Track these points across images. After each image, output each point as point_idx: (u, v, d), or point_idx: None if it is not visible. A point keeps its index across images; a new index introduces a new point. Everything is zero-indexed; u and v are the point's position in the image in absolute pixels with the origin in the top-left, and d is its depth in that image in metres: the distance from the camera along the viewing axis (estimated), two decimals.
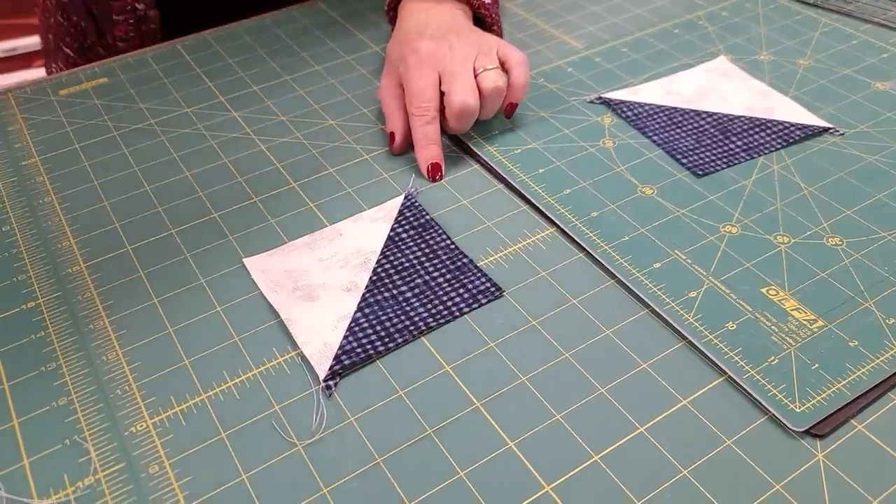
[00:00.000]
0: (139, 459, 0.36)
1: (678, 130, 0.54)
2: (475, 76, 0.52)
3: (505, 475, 0.35)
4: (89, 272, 0.45)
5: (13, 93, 0.60)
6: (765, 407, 0.37)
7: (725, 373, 0.39)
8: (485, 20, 0.59)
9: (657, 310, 0.41)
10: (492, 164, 0.52)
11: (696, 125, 0.54)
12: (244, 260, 0.46)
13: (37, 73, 1.55)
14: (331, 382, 0.39)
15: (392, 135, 0.53)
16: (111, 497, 0.34)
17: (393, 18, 0.61)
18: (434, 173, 0.51)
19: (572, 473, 0.35)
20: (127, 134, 0.56)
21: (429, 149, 0.51)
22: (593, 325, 0.41)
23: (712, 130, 0.54)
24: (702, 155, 0.52)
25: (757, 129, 0.54)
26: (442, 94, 0.52)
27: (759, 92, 0.57)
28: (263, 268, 0.45)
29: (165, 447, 0.36)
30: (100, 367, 0.40)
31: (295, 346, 0.41)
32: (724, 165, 0.51)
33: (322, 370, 0.39)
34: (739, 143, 0.53)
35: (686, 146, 0.52)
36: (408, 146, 0.53)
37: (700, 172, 0.50)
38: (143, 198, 0.50)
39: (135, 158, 0.54)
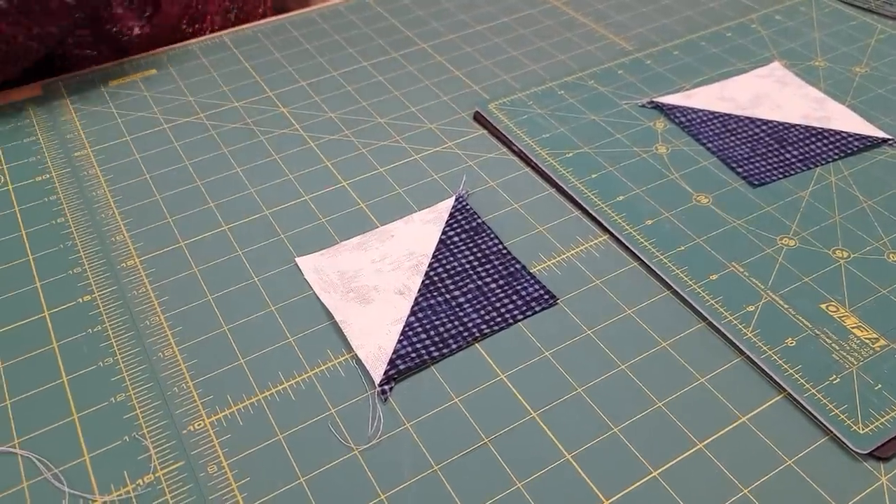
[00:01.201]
0: (198, 459, 0.36)
1: (733, 138, 0.53)
2: None
3: (563, 488, 0.35)
4: (144, 267, 0.45)
5: (63, 81, 0.61)
6: (826, 427, 0.36)
7: (785, 390, 0.38)
8: None
9: (715, 323, 0.41)
10: (543, 168, 0.51)
11: (750, 133, 0.53)
12: (297, 259, 0.46)
13: None
14: (386, 387, 0.39)
15: None
16: (171, 496, 0.35)
17: None
18: None
19: (631, 489, 0.35)
20: (177, 127, 0.56)
21: None
22: (649, 337, 0.41)
23: (767, 139, 0.53)
24: (757, 164, 0.51)
25: (813, 139, 0.53)
26: None
27: (814, 99, 0.56)
28: (316, 268, 0.45)
29: (223, 447, 0.36)
30: (156, 364, 0.40)
31: (349, 348, 0.41)
32: (780, 176, 0.50)
33: (377, 374, 0.39)
34: (795, 152, 0.52)
35: (741, 154, 0.51)
36: None
37: (756, 182, 0.50)
38: (195, 193, 0.50)
39: (185, 152, 0.54)
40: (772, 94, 0.57)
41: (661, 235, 0.46)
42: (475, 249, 0.46)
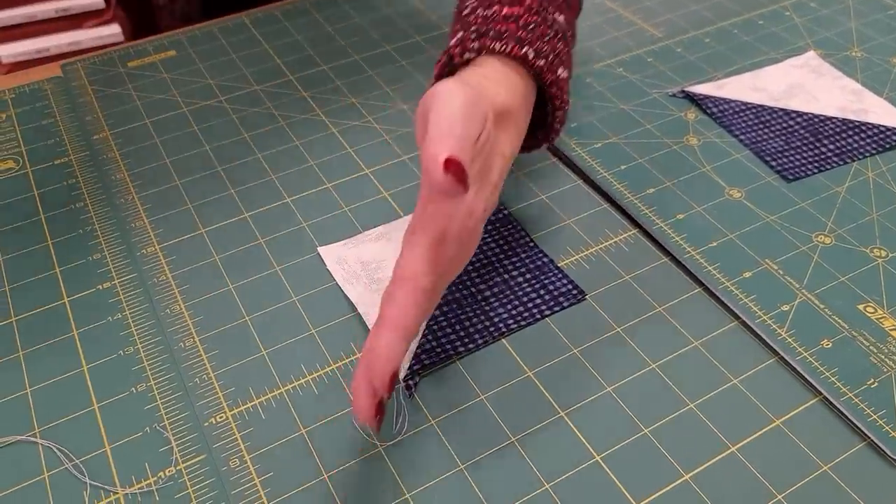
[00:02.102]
0: (220, 452, 0.35)
1: (766, 130, 0.52)
2: None
3: (591, 490, 0.34)
4: (164, 254, 0.45)
5: (82, 63, 0.60)
6: (863, 432, 0.35)
7: (821, 393, 0.37)
8: (553, 100, 0.41)
9: (748, 322, 0.40)
10: (571, 158, 0.50)
11: (785, 125, 0.52)
12: (319, 249, 0.45)
13: (86, 34, 1.55)
14: (411, 382, 0.38)
15: None
16: (193, 490, 0.34)
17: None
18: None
19: (661, 492, 0.34)
20: (197, 111, 0.55)
21: None
22: (680, 336, 0.40)
23: (802, 132, 0.51)
24: (792, 158, 0.49)
25: (850, 133, 0.51)
26: None
27: (851, 91, 0.55)
28: (339, 258, 0.44)
29: (245, 440, 0.36)
30: (178, 354, 0.39)
31: None
32: (815, 170, 0.49)
33: (402, 369, 0.38)
34: (832, 146, 0.50)
35: (775, 147, 0.50)
36: None
37: (790, 177, 0.48)
38: (216, 179, 0.50)
39: (205, 136, 0.53)
40: (806, 84, 0.55)
41: (692, 230, 0.45)
42: (501, 242, 0.45)
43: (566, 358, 0.39)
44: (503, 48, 0.38)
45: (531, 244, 0.45)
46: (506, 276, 0.43)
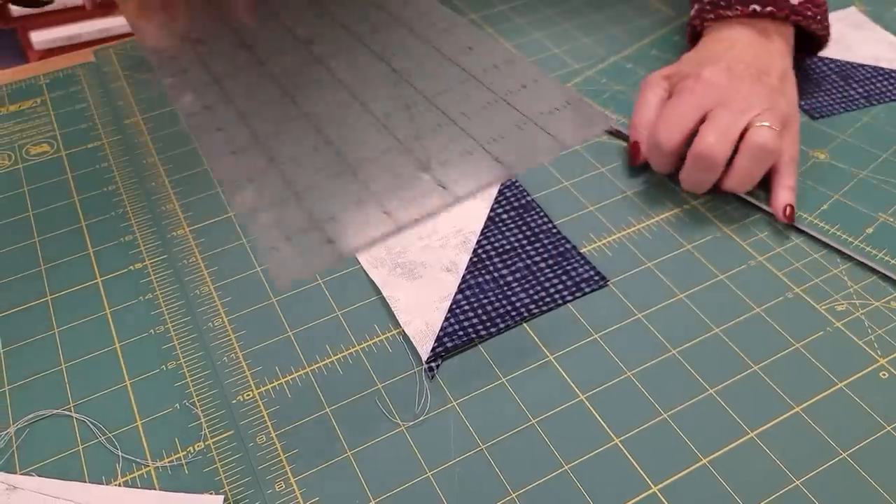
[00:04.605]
0: (247, 429, 0.36)
1: (797, 73, 0.53)
2: (745, 129, 0.44)
3: (610, 472, 0.34)
4: (193, 236, 0.46)
5: (115, 48, 0.61)
6: None
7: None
8: (815, 35, 0.51)
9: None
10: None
11: (817, 71, 0.55)
12: None
13: (116, 21, 1.57)
14: (433, 364, 0.39)
15: (636, 145, 0.48)
16: (221, 464, 0.35)
17: (695, 36, 0.53)
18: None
19: (679, 475, 0.34)
20: None
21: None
22: (701, 323, 0.40)
23: (833, 76, 0.54)
24: (820, 98, 0.52)
25: (880, 79, 0.54)
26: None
27: (888, 44, 0.57)
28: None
29: (272, 418, 0.37)
30: (206, 333, 0.40)
31: (396, 324, 0.41)
32: (841, 109, 0.51)
33: (424, 351, 0.39)
34: (860, 90, 0.53)
35: (804, 89, 0.53)
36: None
37: (817, 115, 0.51)
38: None
39: None
40: (845, 37, 0.57)
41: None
42: (524, 227, 0.45)
43: (587, 343, 0.39)
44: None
45: (554, 230, 0.45)
46: (528, 261, 0.43)
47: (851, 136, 0.49)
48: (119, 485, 0.34)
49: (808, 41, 0.52)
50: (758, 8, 0.49)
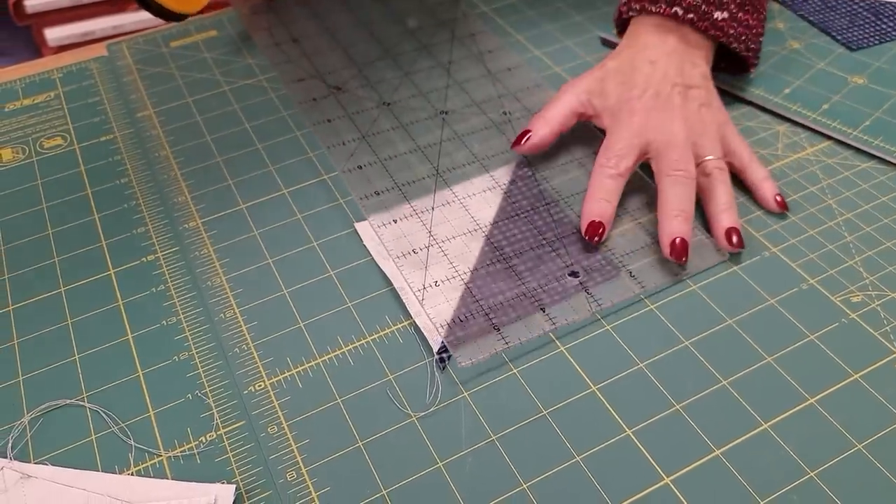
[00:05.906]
0: (258, 419, 0.36)
1: (832, 13, 0.60)
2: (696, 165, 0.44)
3: (622, 463, 0.34)
4: (205, 228, 0.46)
5: (127, 43, 0.61)
6: None
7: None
8: (742, 56, 0.51)
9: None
10: None
11: (849, 9, 0.60)
12: (356, 224, 0.45)
13: (129, 17, 1.58)
14: (444, 355, 0.38)
15: (527, 133, 0.48)
16: (233, 454, 0.35)
17: (622, 29, 0.53)
18: (592, 233, 0.42)
19: (693, 466, 0.34)
20: (237, 89, 0.56)
21: (599, 203, 0.43)
22: (714, 313, 0.40)
23: (865, 13, 0.59)
24: (855, 33, 0.57)
25: None
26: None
27: None
28: (375, 233, 0.45)
29: (283, 408, 0.37)
30: (218, 324, 0.40)
31: (407, 315, 0.40)
32: (876, 41, 0.57)
33: (435, 342, 0.39)
34: (891, 23, 0.58)
35: (840, 25, 0.58)
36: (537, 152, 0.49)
37: (854, 47, 0.56)
38: (256, 156, 0.51)
39: (245, 115, 0.54)
40: None
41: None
42: (535, 217, 0.45)
43: (599, 333, 0.39)
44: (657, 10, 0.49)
45: (566, 221, 0.45)
46: (539, 250, 0.43)
47: (886, 63, 0.55)
48: (132, 474, 0.35)
49: (738, 61, 0.52)
50: (679, 12, 0.48)
